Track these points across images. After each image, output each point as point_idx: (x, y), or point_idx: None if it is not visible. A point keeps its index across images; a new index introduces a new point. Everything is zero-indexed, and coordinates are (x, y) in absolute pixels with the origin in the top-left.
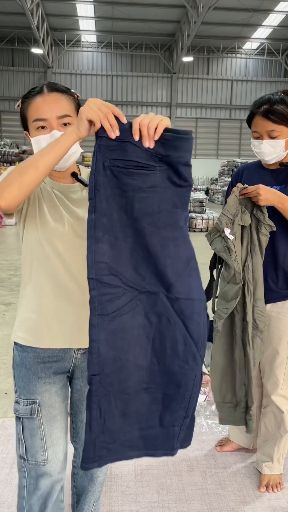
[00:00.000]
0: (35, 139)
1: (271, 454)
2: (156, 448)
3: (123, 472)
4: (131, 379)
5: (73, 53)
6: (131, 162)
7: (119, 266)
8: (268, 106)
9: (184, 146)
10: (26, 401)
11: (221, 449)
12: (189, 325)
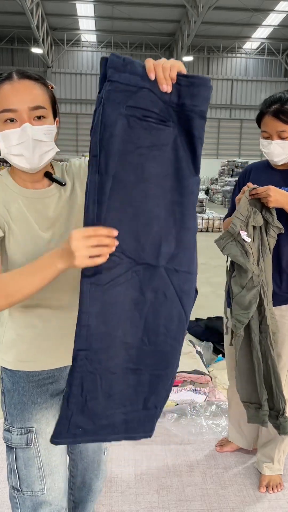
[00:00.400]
0: (3, 133)
1: (272, 455)
2: (136, 431)
3: (123, 472)
4: (118, 357)
5: (73, 52)
6: (149, 112)
7: (120, 234)
8: (279, 106)
9: (201, 94)
10: (20, 430)
11: (221, 450)
12: (185, 301)
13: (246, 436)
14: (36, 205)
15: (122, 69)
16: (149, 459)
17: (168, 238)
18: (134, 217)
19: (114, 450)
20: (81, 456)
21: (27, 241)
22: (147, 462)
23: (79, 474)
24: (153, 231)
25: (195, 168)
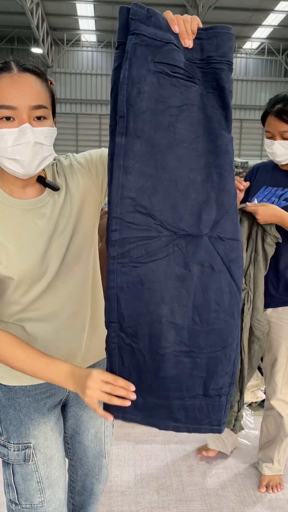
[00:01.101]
0: (8, 130)
1: (272, 456)
2: (200, 422)
3: (123, 472)
4: (165, 338)
5: (73, 52)
6: (177, 68)
7: (153, 204)
8: (282, 106)
9: (226, 43)
10: (18, 446)
11: (207, 454)
12: (234, 271)
13: (223, 441)
14: (31, 219)
15: (147, 21)
16: (149, 459)
17: (208, 203)
18: (170, 184)
19: (114, 450)
20: (81, 462)
21: (24, 260)
22: (147, 462)
23: (79, 479)
24: (191, 197)
25: (228, 125)
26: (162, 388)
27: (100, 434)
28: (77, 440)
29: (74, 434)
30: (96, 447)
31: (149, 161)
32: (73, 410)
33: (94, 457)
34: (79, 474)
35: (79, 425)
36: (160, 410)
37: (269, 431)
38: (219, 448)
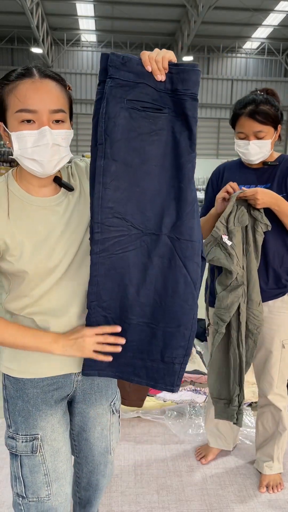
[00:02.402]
0: (18, 134)
1: (271, 453)
2: (157, 381)
3: (123, 472)
4: (131, 311)
5: (73, 52)
6: (146, 103)
7: (127, 210)
8: (254, 107)
9: (191, 78)
10: (26, 437)
11: (206, 461)
12: (189, 266)
13: (225, 438)
14: (46, 215)
15: (121, 67)
16: (149, 459)
17: (169, 209)
18: (140, 194)
19: None
20: (87, 460)
21: (37, 254)
22: (147, 462)
23: (84, 476)
24: (156, 205)
25: (191, 145)
26: (129, 350)
27: (106, 431)
28: (83, 437)
29: (81, 431)
30: (102, 444)
31: (123, 178)
32: (80, 406)
33: (99, 454)
34: (85, 471)
35: (86, 422)
36: (127, 368)
37: (265, 429)
38: (220, 446)
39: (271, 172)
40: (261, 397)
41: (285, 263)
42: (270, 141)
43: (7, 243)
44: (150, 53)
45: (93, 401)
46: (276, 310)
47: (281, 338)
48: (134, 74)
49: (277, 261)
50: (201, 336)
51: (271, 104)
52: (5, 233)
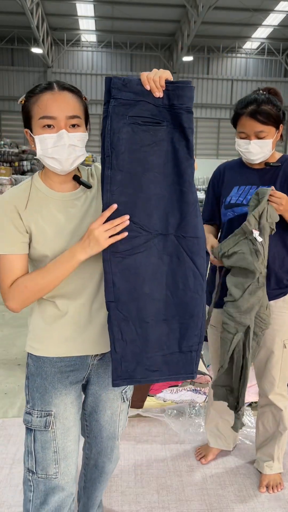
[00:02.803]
0: (40, 137)
1: (272, 453)
2: (178, 372)
3: (123, 472)
4: (148, 309)
5: (73, 52)
6: (146, 118)
7: (134, 214)
8: (256, 107)
9: (186, 94)
10: (41, 413)
11: (206, 461)
12: (196, 260)
13: (225, 438)
14: (66, 207)
15: (123, 88)
16: (149, 459)
17: (173, 212)
18: (146, 199)
19: None
20: (96, 441)
21: (57, 239)
22: (147, 462)
23: (92, 457)
24: (161, 208)
25: (189, 152)
26: (150, 349)
27: (115, 416)
28: (94, 418)
29: (92, 412)
30: (110, 428)
31: (129, 186)
32: (94, 388)
33: (107, 438)
34: (93, 452)
35: (98, 403)
36: (150, 370)
37: (266, 429)
38: (220, 446)
39: (273, 173)
40: (262, 397)
41: (285, 265)
42: (271, 141)
43: (32, 230)
44: (149, 73)
45: (106, 384)
46: (278, 310)
47: (282, 338)
48: (134, 93)
49: (278, 263)
50: None
51: (272, 104)
52: (30, 221)
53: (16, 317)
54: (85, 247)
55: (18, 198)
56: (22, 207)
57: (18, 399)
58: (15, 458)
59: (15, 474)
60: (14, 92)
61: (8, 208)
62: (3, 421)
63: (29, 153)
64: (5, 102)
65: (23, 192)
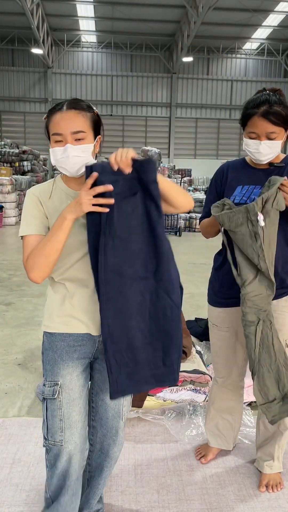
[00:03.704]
0: (52, 150)
1: (272, 452)
2: (163, 381)
3: (123, 472)
4: (136, 338)
5: (73, 53)
6: (126, 192)
7: (123, 266)
8: (268, 107)
9: (149, 168)
10: (51, 383)
11: (206, 460)
12: (172, 297)
13: (225, 437)
14: None
15: (103, 172)
16: (149, 458)
17: (151, 260)
18: (130, 254)
19: None
20: (101, 422)
21: (72, 227)
22: (147, 461)
23: (98, 441)
24: (141, 258)
25: (159, 213)
26: (139, 368)
27: None
28: (100, 398)
29: (99, 392)
30: (115, 407)
31: (119, 248)
32: (100, 364)
33: (113, 417)
34: (99, 436)
35: (104, 381)
36: (141, 382)
37: (267, 428)
38: (220, 445)
39: (277, 174)
40: None
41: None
42: (280, 142)
43: (49, 219)
44: (116, 154)
45: None
46: (280, 309)
47: (284, 337)
48: (112, 173)
49: (281, 262)
50: (200, 336)
51: (284, 105)
52: (50, 210)
53: (16, 317)
54: (70, 208)
55: (43, 191)
56: (46, 198)
57: (18, 399)
58: (15, 458)
59: (15, 473)
60: (14, 93)
61: (34, 198)
62: (3, 421)
63: (29, 154)
64: (5, 102)
65: (47, 187)
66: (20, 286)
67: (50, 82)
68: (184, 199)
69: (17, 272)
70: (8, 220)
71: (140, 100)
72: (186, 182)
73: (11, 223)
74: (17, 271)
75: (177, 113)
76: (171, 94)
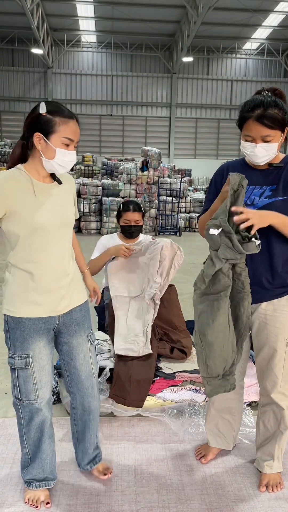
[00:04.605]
0: (62, 150)
1: (272, 452)
2: None
3: (123, 471)
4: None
5: (73, 53)
6: None
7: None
8: (262, 111)
9: None
10: (21, 356)
11: (206, 460)
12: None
13: (225, 437)
14: (43, 193)
15: None
16: (149, 458)
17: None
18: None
19: (114, 450)
20: (78, 387)
21: (33, 217)
22: (147, 461)
23: (78, 403)
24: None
25: None
26: None
27: (87, 357)
28: (72, 366)
29: (69, 361)
30: (86, 369)
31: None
32: (64, 336)
33: (86, 377)
34: (78, 399)
35: (71, 350)
36: None
37: (267, 428)
38: (220, 445)
39: (276, 174)
40: (263, 396)
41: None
42: (277, 144)
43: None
44: None
45: (74, 332)
46: (281, 308)
47: (285, 336)
48: None
49: (282, 262)
50: None
51: (279, 108)
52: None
53: None
54: None
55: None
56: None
57: None
58: (15, 457)
59: (15, 473)
60: (14, 93)
61: None
62: (3, 420)
63: None
64: (5, 102)
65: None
66: None
67: (50, 82)
68: None
69: None
70: None
71: (140, 100)
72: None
73: None
74: None
75: (177, 113)
76: (171, 94)
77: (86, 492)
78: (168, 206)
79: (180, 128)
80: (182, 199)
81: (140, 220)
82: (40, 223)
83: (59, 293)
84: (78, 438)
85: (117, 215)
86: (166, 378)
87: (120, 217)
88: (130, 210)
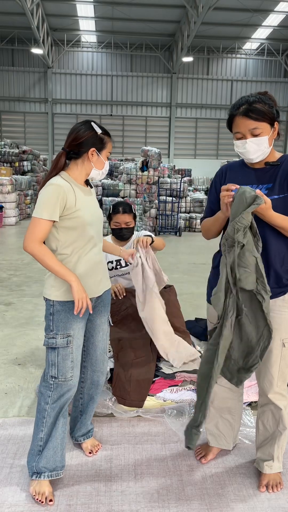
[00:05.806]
0: (107, 163)
1: (272, 452)
2: None
3: (123, 472)
4: None
5: (73, 53)
6: None
7: None
8: (247, 106)
9: None
10: (63, 335)
11: (206, 460)
12: None
13: (225, 437)
14: (85, 195)
15: None
16: (149, 458)
17: None
18: None
19: (114, 450)
20: (91, 361)
21: (85, 214)
22: (147, 461)
23: (88, 377)
24: None
25: None
26: None
27: (104, 335)
28: (90, 342)
29: (90, 337)
30: (102, 346)
31: None
32: (91, 315)
33: (100, 353)
34: (89, 373)
35: (94, 328)
36: None
37: (266, 428)
38: (220, 445)
39: (273, 172)
40: (262, 396)
41: (285, 263)
42: (267, 138)
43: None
44: None
45: (99, 312)
46: (277, 309)
47: (281, 336)
48: None
49: (278, 261)
50: (200, 336)
51: (264, 102)
52: (78, 204)
53: (16, 317)
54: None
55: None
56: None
57: (18, 399)
58: (15, 458)
59: (15, 473)
60: (14, 93)
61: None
62: (3, 421)
63: (29, 154)
64: (5, 102)
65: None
66: (20, 286)
67: (50, 82)
68: None
69: (17, 272)
70: (8, 220)
71: (140, 100)
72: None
73: (11, 223)
74: (17, 271)
75: (177, 113)
76: (171, 94)
77: (86, 492)
78: (168, 206)
79: (180, 128)
80: (182, 199)
81: (131, 221)
82: (90, 219)
83: (98, 277)
84: (82, 411)
85: (108, 217)
86: (166, 378)
87: (111, 219)
88: (119, 212)
